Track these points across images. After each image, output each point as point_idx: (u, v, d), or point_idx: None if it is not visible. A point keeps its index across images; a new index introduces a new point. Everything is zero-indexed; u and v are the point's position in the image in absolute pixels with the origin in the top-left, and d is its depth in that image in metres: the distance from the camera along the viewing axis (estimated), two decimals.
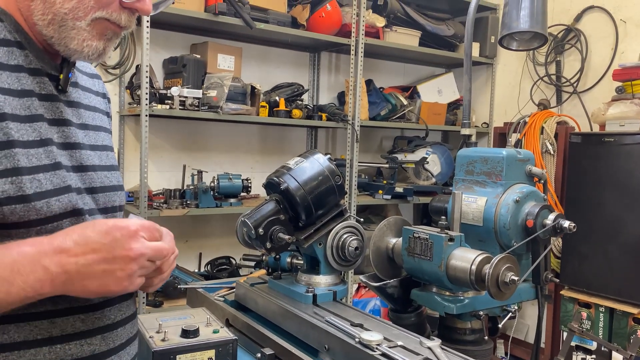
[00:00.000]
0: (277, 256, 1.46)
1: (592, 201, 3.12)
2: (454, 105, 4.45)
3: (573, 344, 3.13)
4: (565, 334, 3.16)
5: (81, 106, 1.02)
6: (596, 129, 3.48)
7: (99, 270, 0.78)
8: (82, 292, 0.80)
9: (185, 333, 1.16)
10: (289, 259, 1.53)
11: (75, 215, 0.90)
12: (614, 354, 2.99)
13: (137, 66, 3.20)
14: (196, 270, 3.47)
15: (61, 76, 0.95)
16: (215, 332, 1.19)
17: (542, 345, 3.50)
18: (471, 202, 1.35)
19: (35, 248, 0.77)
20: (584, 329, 3.08)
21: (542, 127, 3.59)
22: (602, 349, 3.04)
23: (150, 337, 1.14)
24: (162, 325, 1.18)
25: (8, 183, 0.79)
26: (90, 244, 0.78)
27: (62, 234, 0.80)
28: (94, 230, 0.79)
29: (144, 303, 3.02)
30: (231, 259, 3.54)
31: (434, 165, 4.18)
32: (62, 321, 0.88)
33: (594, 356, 3.11)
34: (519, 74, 4.20)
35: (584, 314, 3.13)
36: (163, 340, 1.13)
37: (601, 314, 3.08)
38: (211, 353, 1.15)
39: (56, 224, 0.86)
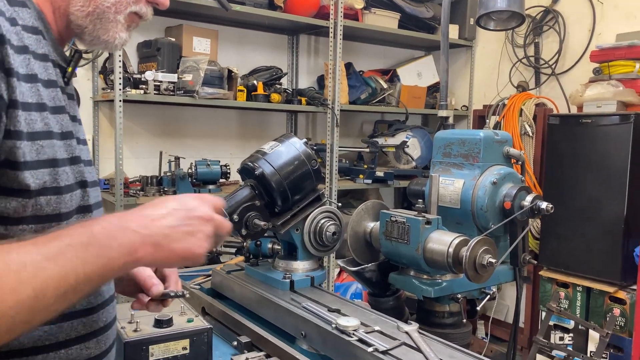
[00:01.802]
0: (258, 242, 1.43)
1: (570, 182, 3.15)
2: (433, 89, 4.43)
3: (551, 323, 3.18)
4: (543, 314, 3.21)
5: (74, 98, 0.99)
6: (574, 110, 3.50)
7: (183, 231, 0.78)
8: (168, 256, 0.77)
9: (158, 323, 1.13)
10: (270, 245, 1.51)
11: (84, 211, 0.89)
12: (591, 332, 3.05)
13: None
14: None
15: (70, 69, 0.92)
16: (189, 321, 1.16)
17: (522, 325, 3.55)
18: (448, 185, 1.34)
19: (117, 218, 0.75)
20: (562, 309, 3.13)
21: (521, 109, 3.60)
22: (580, 327, 3.10)
23: (122, 327, 1.11)
24: (134, 316, 1.15)
25: (47, 174, 0.79)
26: (169, 209, 0.79)
27: (136, 209, 0.79)
28: (168, 199, 0.81)
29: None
30: None
31: (414, 149, 4.18)
32: (67, 325, 0.86)
33: (571, 335, 3.17)
34: (498, 56, 4.19)
35: (562, 294, 3.18)
36: (135, 330, 1.10)
37: (579, 294, 3.13)
38: (185, 343, 1.13)
39: (73, 220, 0.85)
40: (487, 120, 3.62)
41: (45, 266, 0.67)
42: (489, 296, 1.33)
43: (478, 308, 1.33)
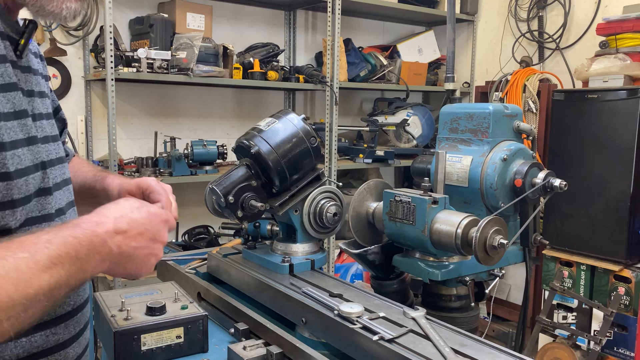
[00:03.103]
0: (257, 223, 1.37)
1: (575, 159, 3.08)
2: (434, 65, 4.33)
3: (554, 302, 3.15)
4: (547, 293, 3.17)
5: (32, 71, 0.91)
6: (579, 86, 3.41)
7: (143, 253, 0.81)
8: (118, 273, 0.81)
9: (151, 310, 1.07)
10: (269, 226, 1.44)
11: (44, 194, 0.84)
12: (595, 311, 3.01)
13: (101, 27, 3.01)
14: (173, 241, 3.37)
15: (22, 41, 0.85)
16: (183, 308, 1.10)
17: None
18: (456, 162, 1.27)
19: (102, 229, 0.76)
20: (566, 288, 3.08)
21: (525, 85, 3.51)
22: (583, 306, 3.06)
23: (111, 316, 1.05)
24: (125, 303, 1.09)
25: None
26: (139, 228, 0.81)
27: (107, 214, 0.79)
28: (140, 214, 0.82)
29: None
30: (209, 228, 3.44)
31: (415, 127, 4.10)
32: None
33: (574, 314, 3.13)
34: (501, 30, 4.08)
35: (566, 273, 3.13)
36: (126, 319, 1.04)
37: (582, 272, 3.08)
38: (179, 331, 1.07)
39: (32, 204, 0.81)
40: (491, 97, 3.54)
41: (39, 276, 0.66)
42: (498, 278, 1.27)
43: (487, 291, 1.27)
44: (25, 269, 0.64)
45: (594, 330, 2.97)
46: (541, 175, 1.19)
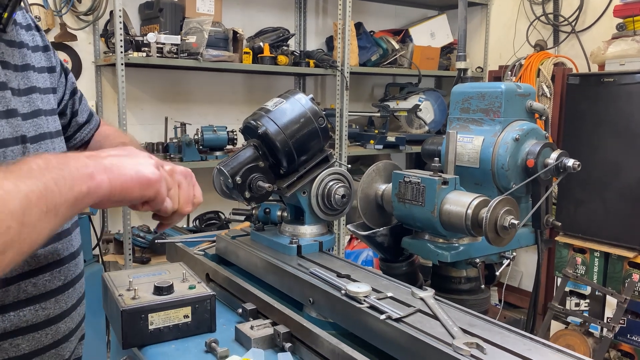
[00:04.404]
0: (267, 209, 1.36)
1: (589, 145, 3.03)
2: (447, 49, 4.27)
3: (567, 289, 3.12)
4: (559, 280, 3.13)
5: (17, 45, 0.90)
6: (595, 69, 3.34)
7: (127, 158, 0.78)
8: (124, 181, 0.76)
9: (158, 290, 1.07)
10: (279, 212, 1.43)
11: None
12: (608, 297, 2.98)
13: (111, 12, 3.00)
14: (185, 226, 3.39)
15: (5, 14, 0.84)
16: (191, 287, 1.10)
17: None
18: (467, 143, 1.25)
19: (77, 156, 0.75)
20: (579, 274, 3.05)
21: (539, 69, 3.45)
22: (596, 293, 3.03)
23: (119, 295, 1.05)
24: (132, 282, 1.09)
25: None
26: (113, 150, 0.79)
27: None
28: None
29: (130, 260, 2.95)
30: (220, 213, 3.45)
31: (427, 112, 4.05)
32: (14, 288, 0.82)
33: (587, 301, 3.10)
34: (515, 14, 4.01)
35: (579, 260, 3.10)
36: (133, 298, 1.04)
37: (596, 259, 3.05)
38: (187, 310, 1.07)
39: None
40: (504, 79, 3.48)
41: (26, 182, 0.63)
42: (509, 261, 1.25)
43: (497, 273, 1.25)
44: (11, 179, 0.63)
45: (607, 317, 2.94)
46: (554, 155, 1.17)
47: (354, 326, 0.95)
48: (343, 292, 0.98)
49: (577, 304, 3.12)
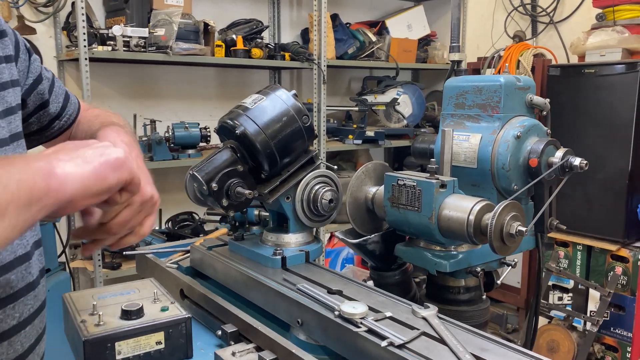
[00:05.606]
0: (244, 209, 1.25)
1: (571, 137, 2.99)
2: (424, 41, 4.20)
3: (550, 283, 3.08)
4: (542, 274, 3.10)
5: None
6: (574, 61, 3.31)
7: (91, 150, 0.68)
8: (94, 167, 0.67)
9: (126, 314, 0.94)
10: (256, 212, 1.33)
11: None
12: (591, 291, 2.95)
13: (73, 3, 2.81)
14: (156, 228, 3.23)
15: None
16: (164, 309, 0.98)
17: (517, 285, 3.45)
18: (463, 141, 1.15)
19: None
20: (561, 268, 3.02)
21: (518, 61, 3.40)
22: (579, 287, 3.00)
23: (81, 321, 0.92)
24: (97, 306, 0.96)
25: None
26: (69, 144, 0.69)
27: None
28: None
29: (100, 266, 2.79)
30: (194, 214, 3.31)
31: (405, 106, 3.98)
32: None
33: (570, 294, 3.07)
34: (492, 4, 3.95)
35: (561, 253, 3.07)
36: (97, 325, 0.91)
37: (579, 253, 3.02)
38: (159, 336, 0.94)
39: None
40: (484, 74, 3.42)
41: None
42: (510, 267, 1.16)
43: (498, 282, 1.17)
44: None
45: (591, 311, 2.92)
46: (559, 154, 1.09)
47: (350, 352, 0.84)
48: (336, 312, 0.87)
49: (560, 298, 3.10)
